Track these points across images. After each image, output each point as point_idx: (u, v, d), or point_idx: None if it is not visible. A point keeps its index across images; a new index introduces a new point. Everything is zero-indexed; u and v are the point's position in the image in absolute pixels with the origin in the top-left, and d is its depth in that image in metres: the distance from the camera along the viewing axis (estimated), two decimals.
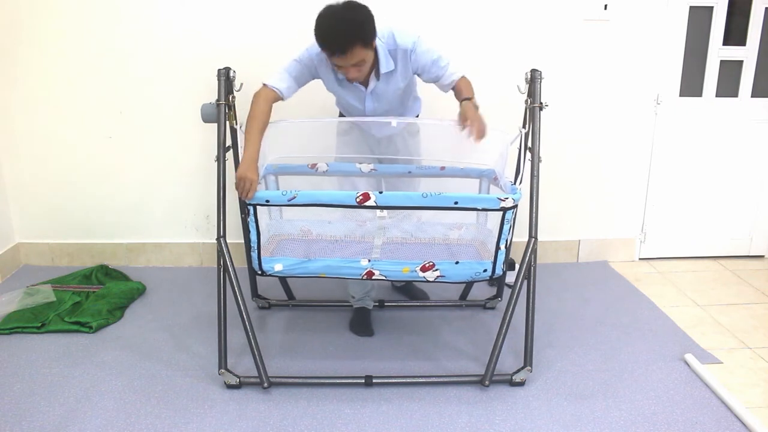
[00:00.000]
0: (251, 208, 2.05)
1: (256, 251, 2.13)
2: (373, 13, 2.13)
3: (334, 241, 2.51)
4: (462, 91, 2.30)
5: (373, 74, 2.28)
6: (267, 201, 2.05)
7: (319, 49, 2.16)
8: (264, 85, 2.25)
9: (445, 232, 2.55)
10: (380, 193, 1.97)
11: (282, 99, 2.30)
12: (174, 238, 3.29)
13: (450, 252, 2.42)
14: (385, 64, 2.24)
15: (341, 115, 2.62)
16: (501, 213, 2.02)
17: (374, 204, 1.98)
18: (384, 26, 2.22)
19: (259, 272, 2.16)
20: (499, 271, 2.13)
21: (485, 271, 2.10)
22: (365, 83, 2.30)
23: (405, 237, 2.53)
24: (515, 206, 2.02)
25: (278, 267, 2.13)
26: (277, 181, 2.59)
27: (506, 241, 2.09)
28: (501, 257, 2.10)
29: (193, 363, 2.36)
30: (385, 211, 2.51)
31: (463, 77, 2.34)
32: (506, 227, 2.05)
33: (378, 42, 2.19)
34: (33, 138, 3.10)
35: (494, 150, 2.44)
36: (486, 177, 2.52)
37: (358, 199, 1.98)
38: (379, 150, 2.59)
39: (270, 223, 2.54)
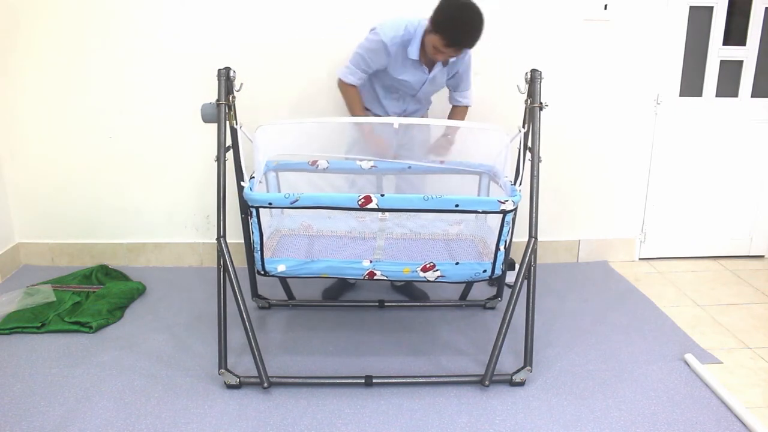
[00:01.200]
0: (254, 210, 2.05)
1: (260, 252, 2.13)
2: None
3: (335, 237, 2.52)
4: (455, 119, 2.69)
5: (440, 61, 2.50)
6: (270, 203, 2.05)
7: (391, 36, 2.42)
8: (341, 80, 2.56)
9: (444, 228, 2.57)
10: (382, 195, 1.98)
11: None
12: (174, 238, 3.29)
13: (450, 250, 2.43)
14: None
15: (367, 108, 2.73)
16: (501, 215, 2.02)
17: (376, 207, 1.98)
18: None
19: (262, 272, 2.16)
20: (498, 272, 2.14)
21: (485, 271, 2.11)
22: (430, 67, 2.53)
23: (405, 233, 2.54)
24: (515, 209, 2.03)
25: (281, 268, 2.14)
26: (277, 177, 2.59)
27: (506, 241, 2.10)
28: (500, 257, 2.11)
29: (193, 363, 2.36)
30: (386, 213, 2.52)
31: (464, 108, 2.72)
32: (506, 228, 2.06)
33: None
34: (33, 138, 3.10)
35: (494, 147, 2.45)
36: (486, 173, 2.53)
37: (360, 202, 1.98)
38: (397, 138, 2.67)
39: (271, 219, 2.54)
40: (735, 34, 3.18)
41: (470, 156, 2.57)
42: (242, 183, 2.20)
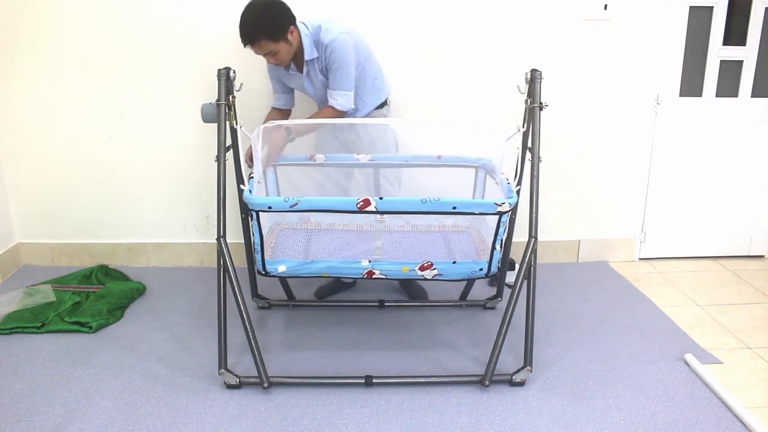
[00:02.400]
0: (254, 213, 2.06)
1: (260, 253, 2.13)
2: (288, 6, 2.42)
3: (333, 231, 2.52)
4: (314, 115, 2.61)
5: (304, 61, 2.52)
6: (269, 207, 2.06)
7: None
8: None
9: (440, 219, 2.58)
10: (380, 199, 1.99)
11: (287, 109, 2.74)
12: (174, 238, 3.29)
13: (448, 245, 2.43)
14: (309, 52, 2.48)
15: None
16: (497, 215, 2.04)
17: (374, 209, 1.99)
18: (318, 19, 2.50)
19: (263, 273, 2.17)
20: (494, 270, 2.15)
21: (481, 269, 2.13)
22: (300, 69, 2.56)
23: (402, 225, 2.54)
24: (511, 210, 2.04)
25: (281, 268, 2.14)
26: (275, 172, 2.60)
27: (502, 240, 2.11)
28: (496, 256, 2.12)
29: (193, 363, 2.36)
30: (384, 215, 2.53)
31: (329, 108, 2.53)
32: (501, 228, 2.06)
33: (304, 32, 2.46)
34: (33, 138, 3.10)
35: (490, 144, 2.46)
36: (482, 167, 2.53)
37: (358, 205, 1.99)
38: (342, 136, 2.72)
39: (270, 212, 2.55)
40: (735, 34, 3.18)
41: (467, 152, 2.57)
42: (242, 186, 2.20)
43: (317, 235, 2.54)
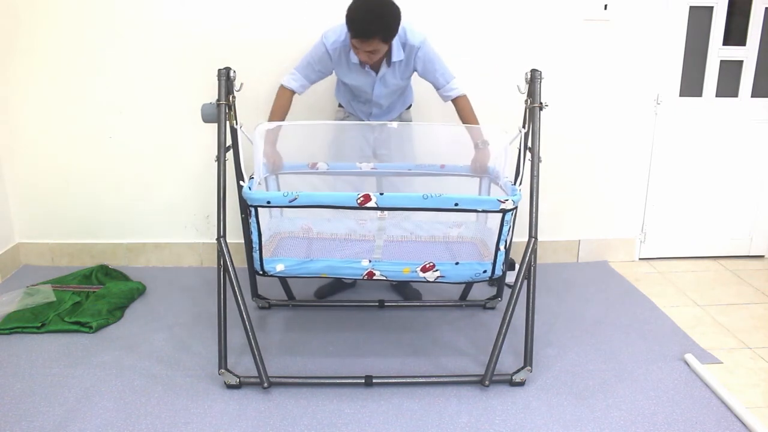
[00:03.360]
0: (253, 209, 2.05)
1: (258, 251, 2.13)
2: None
3: (334, 239, 2.52)
4: (467, 117, 2.60)
5: (384, 61, 2.48)
6: (268, 202, 2.05)
7: (332, 40, 2.44)
8: (281, 85, 2.57)
9: (445, 231, 2.57)
10: (381, 194, 1.98)
11: (297, 93, 2.60)
12: (174, 238, 3.29)
13: (450, 251, 2.43)
14: (396, 54, 2.45)
15: (340, 105, 2.81)
16: (500, 214, 2.02)
17: (375, 205, 1.98)
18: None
19: (261, 272, 2.16)
20: (498, 272, 2.14)
21: (485, 271, 2.11)
22: (376, 69, 2.50)
23: (405, 235, 2.54)
24: (515, 208, 2.03)
25: (280, 267, 2.14)
26: (277, 180, 2.59)
27: (506, 242, 2.10)
28: (501, 258, 2.11)
29: (193, 363, 2.36)
30: (385, 212, 2.53)
31: (464, 96, 2.60)
32: (505, 228, 2.06)
33: None
34: (33, 138, 3.10)
35: (493, 148, 2.45)
36: (486, 175, 2.52)
37: (359, 201, 1.98)
38: (373, 136, 2.70)
39: (271, 221, 2.54)
40: (735, 34, 3.18)
41: (470, 158, 2.56)
42: (241, 182, 2.20)
43: (318, 241, 2.53)
